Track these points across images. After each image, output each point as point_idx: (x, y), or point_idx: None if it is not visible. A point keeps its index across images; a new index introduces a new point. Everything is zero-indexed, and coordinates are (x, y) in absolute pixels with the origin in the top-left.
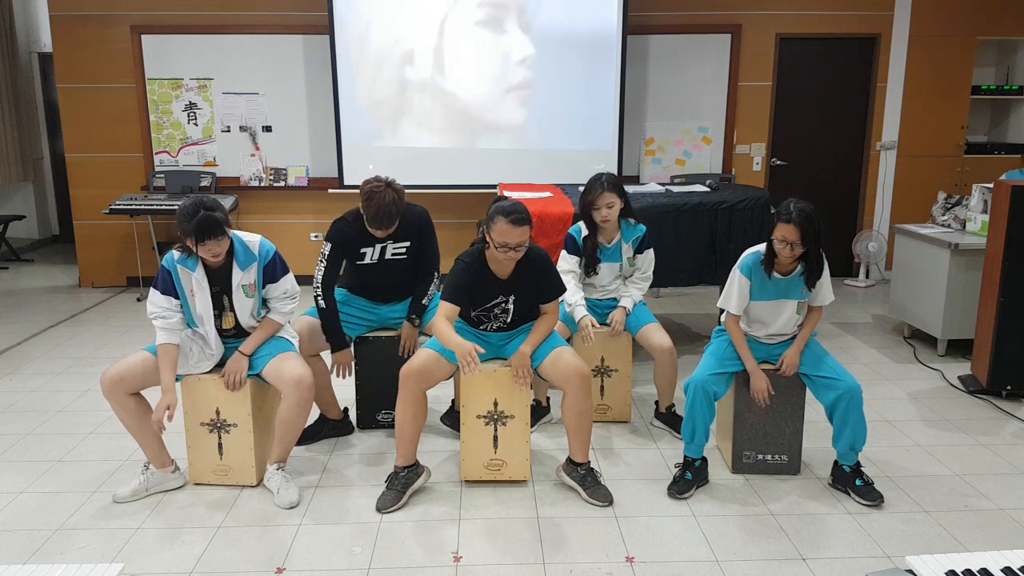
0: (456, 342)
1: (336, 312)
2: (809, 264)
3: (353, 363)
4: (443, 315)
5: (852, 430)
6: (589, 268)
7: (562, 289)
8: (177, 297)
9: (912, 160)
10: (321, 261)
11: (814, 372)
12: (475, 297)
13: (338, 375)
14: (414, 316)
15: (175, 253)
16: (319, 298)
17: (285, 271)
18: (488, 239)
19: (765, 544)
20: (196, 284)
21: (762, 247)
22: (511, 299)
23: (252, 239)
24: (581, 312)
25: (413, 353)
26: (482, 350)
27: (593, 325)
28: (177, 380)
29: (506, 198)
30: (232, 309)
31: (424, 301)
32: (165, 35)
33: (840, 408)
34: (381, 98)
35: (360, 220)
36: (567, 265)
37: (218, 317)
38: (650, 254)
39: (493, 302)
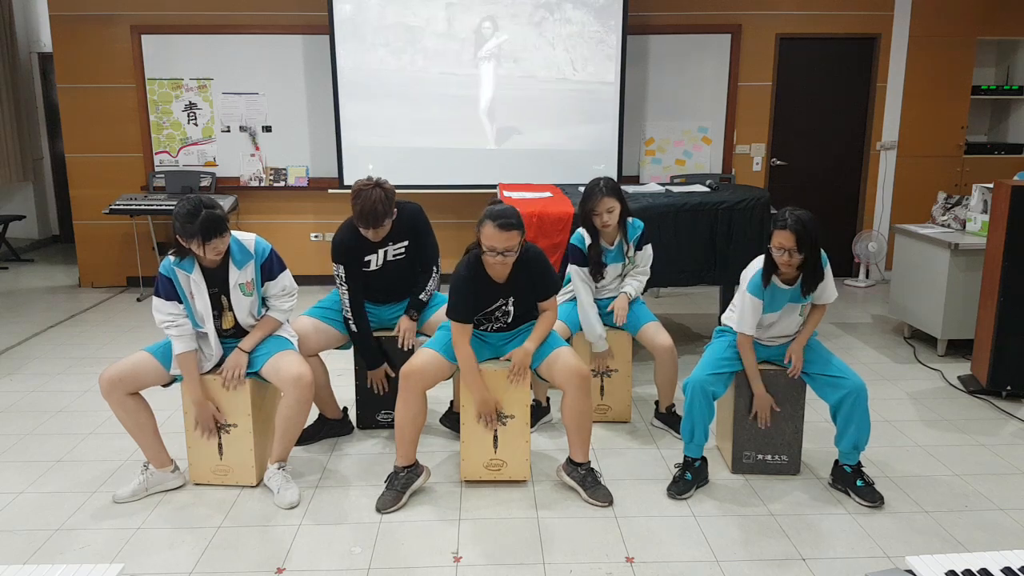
0: (480, 395)
1: (370, 333)
2: (806, 272)
3: (386, 377)
4: (463, 339)
5: (856, 429)
6: (596, 273)
7: (558, 285)
8: (181, 302)
9: (912, 160)
10: (340, 285)
11: (818, 371)
12: (476, 303)
13: (377, 391)
14: (412, 311)
15: (170, 258)
16: (350, 323)
17: (282, 268)
18: (478, 240)
19: (765, 544)
20: (194, 286)
21: (760, 261)
22: (510, 301)
23: (247, 237)
24: (603, 346)
25: (412, 345)
26: (502, 408)
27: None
28: (176, 380)
29: (501, 201)
30: (231, 308)
31: (422, 297)
32: (165, 35)
33: (845, 407)
34: (381, 97)
35: (354, 230)
36: (579, 278)
37: (217, 318)
38: (648, 249)
39: (493, 306)
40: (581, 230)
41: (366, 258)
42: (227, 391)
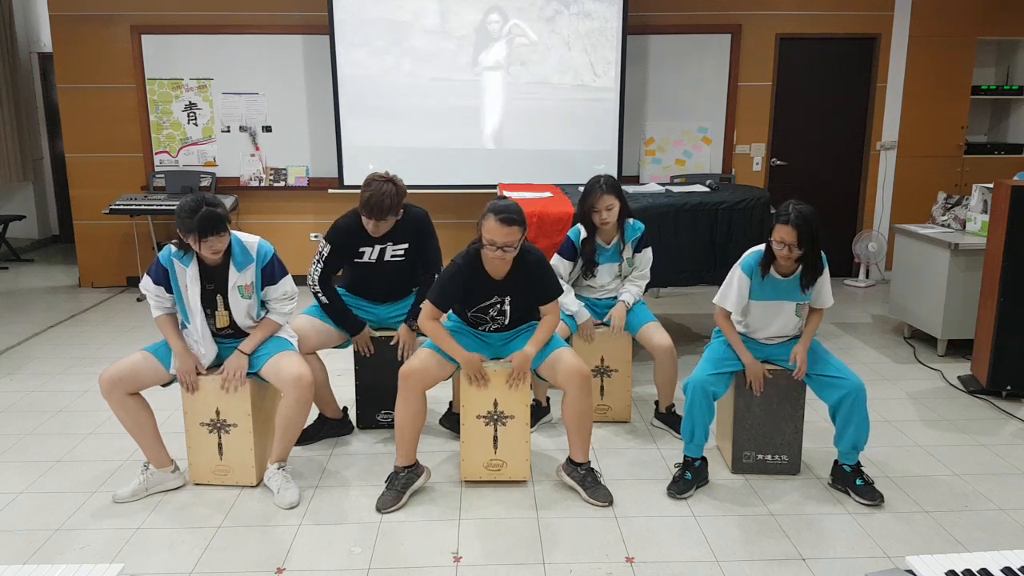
0: (461, 354)
1: (340, 300)
2: (806, 266)
3: (371, 339)
4: (430, 318)
5: (856, 429)
6: (587, 271)
7: (559, 289)
8: (169, 291)
9: (912, 160)
10: (318, 261)
11: (818, 371)
12: (469, 297)
13: (363, 353)
14: (412, 321)
15: (172, 247)
16: (319, 295)
17: (284, 273)
18: (480, 236)
19: (765, 544)
20: (190, 280)
21: (763, 245)
22: (507, 300)
23: (251, 240)
24: (584, 315)
25: (409, 355)
26: (487, 360)
27: (595, 324)
28: (176, 381)
29: (505, 198)
30: (227, 308)
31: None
32: (165, 35)
33: (844, 407)
34: (381, 98)
35: (359, 218)
36: (557, 269)
37: (210, 316)
38: (648, 252)
39: (488, 302)
40: (579, 226)
41: (360, 248)
42: (228, 392)
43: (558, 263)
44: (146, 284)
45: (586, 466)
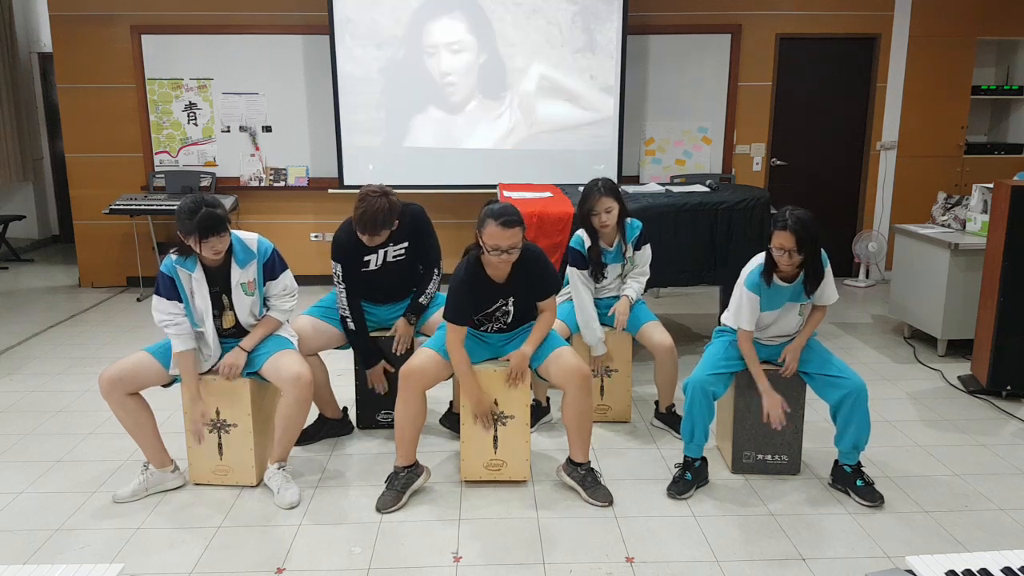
0: (475, 397)
1: (366, 332)
2: (807, 270)
3: (383, 374)
4: (457, 341)
5: (856, 429)
6: (597, 274)
7: (558, 284)
8: (181, 301)
9: (912, 160)
10: (338, 283)
11: (819, 371)
12: (475, 305)
13: (377, 391)
14: (411, 315)
15: (172, 256)
16: (348, 320)
17: (284, 268)
18: (481, 243)
19: (765, 544)
20: (195, 284)
21: (761, 258)
22: (510, 301)
23: (250, 237)
24: (602, 350)
25: (407, 350)
26: (497, 410)
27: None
28: (176, 381)
29: (497, 200)
30: (232, 308)
31: (422, 300)
32: (165, 35)
33: (845, 406)
34: (381, 98)
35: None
36: (579, 281)
37: (218, 317)
38: (647, 250)
39: (494, 306)
40: (581, 232)
41: (365, 258)
42: (226, 391)
43: (576, 275)
44: (160, 306)
45: (586, 466)
